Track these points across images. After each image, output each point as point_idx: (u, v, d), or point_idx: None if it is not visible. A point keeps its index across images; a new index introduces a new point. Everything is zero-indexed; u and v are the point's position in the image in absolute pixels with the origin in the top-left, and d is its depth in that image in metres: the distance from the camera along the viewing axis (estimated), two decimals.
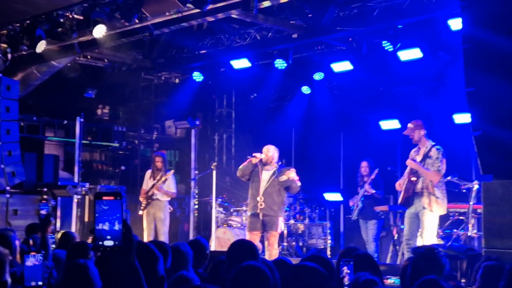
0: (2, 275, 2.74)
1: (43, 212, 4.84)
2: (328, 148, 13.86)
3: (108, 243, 2.34)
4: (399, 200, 8.83)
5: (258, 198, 9.10)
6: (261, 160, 9.29)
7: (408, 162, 8.71)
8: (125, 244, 2.37)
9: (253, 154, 9.28)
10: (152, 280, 2.78)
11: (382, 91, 13.29)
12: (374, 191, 10.74)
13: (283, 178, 9.10)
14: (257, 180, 9.25)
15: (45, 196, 11.07)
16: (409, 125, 8.84)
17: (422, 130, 8.70)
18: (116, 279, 2.29)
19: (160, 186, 10.67)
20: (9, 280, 3.21)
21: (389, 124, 12.71)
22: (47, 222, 4.88)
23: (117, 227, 2.35)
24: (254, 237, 9.10)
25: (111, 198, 2.35)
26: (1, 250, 2.86)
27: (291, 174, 9.07)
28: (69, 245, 5.04)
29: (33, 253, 3.18)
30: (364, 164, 10.89)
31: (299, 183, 9.25)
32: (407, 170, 8.79)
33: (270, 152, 9.34)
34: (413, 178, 8.57)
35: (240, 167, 9.44)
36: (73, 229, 10.77)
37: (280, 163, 9.49)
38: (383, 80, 13.01)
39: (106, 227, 2.34)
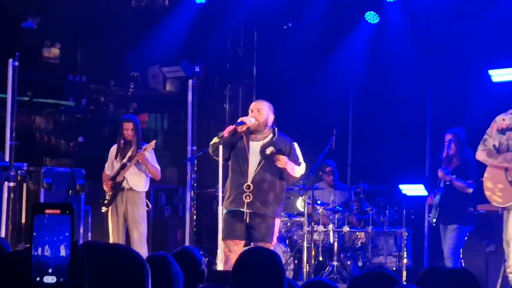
0: None
1: None
2: (406, 111, 12.87)
3: (49, 279, 2.32)
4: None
5: (245, 186, 8.20)
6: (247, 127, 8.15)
7: None
8: (74, 281, 2.35)
9: (240, 119, 8.32)
10: None
11: (493, 21, 12.12)
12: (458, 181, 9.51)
13: (268, 151, 8.22)
14: (243, 158, 8.30)
15: None
16: None
17: None
18: None
19: (144, 156, 10.19)
20: None
21: (505, 75, 11.85)
22: None
23: (63, 252, 2.34)
24: (235, 249, 8.12)
25: (57, 211, 2.37)
26: None
27: (281, 162, 8.17)
28: None
29: None
30: (449, 137, 9.78)
31: (296, 173, 8.28)
32: None
33: (264, 113, 8.30)
34: None
35: (214, 139, 8.33)
36: (2, 233, 10.37)
37: (276, 128, 8.34)
38: (496, 2, 11.91)
39: (47, 253, 2.34)
